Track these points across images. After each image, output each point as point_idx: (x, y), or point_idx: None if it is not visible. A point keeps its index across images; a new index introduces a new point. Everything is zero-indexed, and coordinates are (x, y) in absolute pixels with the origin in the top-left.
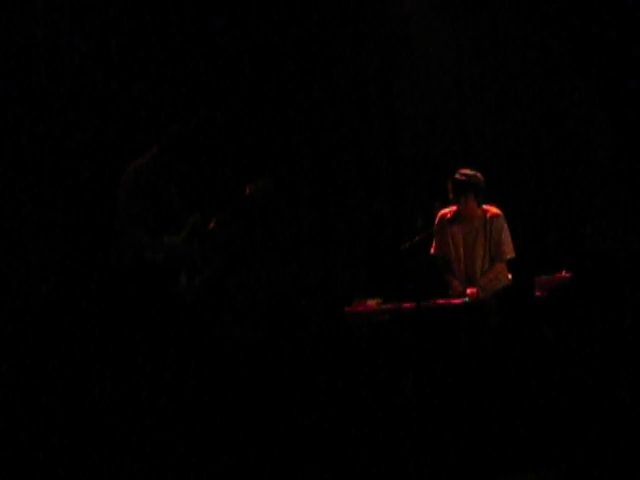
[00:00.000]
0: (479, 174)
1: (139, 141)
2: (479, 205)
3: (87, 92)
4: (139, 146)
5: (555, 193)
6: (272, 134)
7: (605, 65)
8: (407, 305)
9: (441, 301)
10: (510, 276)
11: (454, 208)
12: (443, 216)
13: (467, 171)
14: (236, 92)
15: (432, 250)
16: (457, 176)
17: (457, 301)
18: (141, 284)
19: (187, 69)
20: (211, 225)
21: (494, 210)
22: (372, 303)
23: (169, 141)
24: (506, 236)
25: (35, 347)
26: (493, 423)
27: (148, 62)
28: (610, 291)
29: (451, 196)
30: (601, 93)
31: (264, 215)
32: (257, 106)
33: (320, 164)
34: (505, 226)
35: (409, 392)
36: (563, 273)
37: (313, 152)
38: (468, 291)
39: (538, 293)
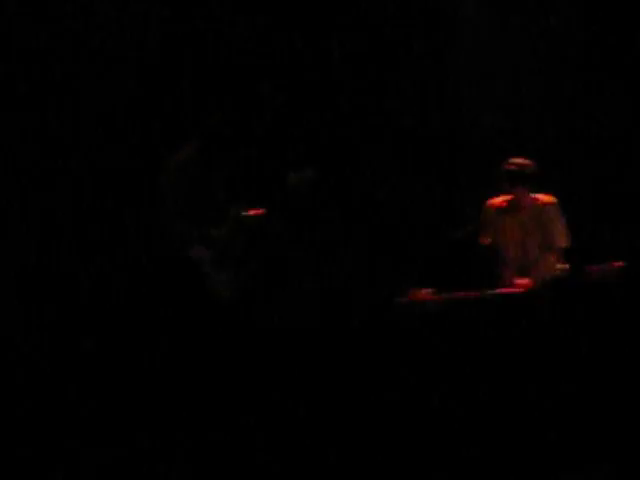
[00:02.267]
0: (532, 163)
1: (179, 133)
2: (532, 194)
3: (128, 83)
4: (180, 138)
5: (612, 181)
6: (320, 122)
7: None
8: (460, 295)
9: (494, 291)
10: (564, 266)
11: (507, 197)
12: (494, 205)
13: (519, 160)
14: (282, 78)
15: (483, 240)
16: (509, 165)
17: (509, 291)
18: (185, 280)
19: (229, 57)
20: (254, 212)
21: (547, 199)
22: (425, 293)
23: (211, 132)
24: (560, 225)
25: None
26: (546, 417)
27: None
28: None
29: (503, 185)
30: None
31: (313, 205)
32: (305, 93)
33: (372, 152)
34: (559, 215)
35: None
36: (617, 263)
37: (364, 140)
38: (520, 282)
39: (591, 283)
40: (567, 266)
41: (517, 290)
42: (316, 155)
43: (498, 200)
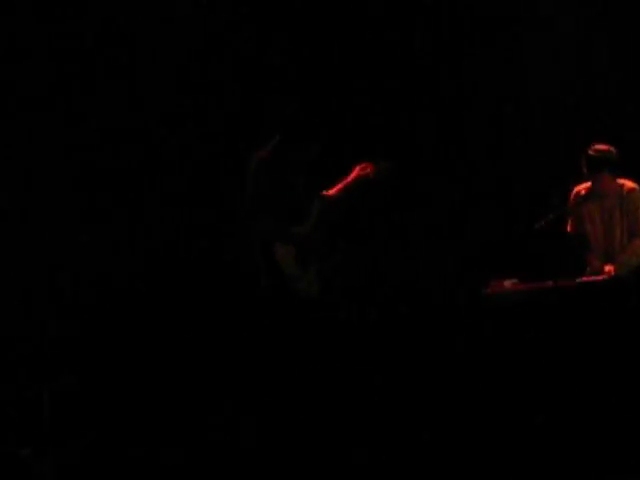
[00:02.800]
0: (613, 148)
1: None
2: (614, 180)
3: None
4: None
5: None
6: (398, 119)
7: None
8: (544, 285)
9: (579, 280)
10: None
11: (589, 184)
12: (578, 193)
13: (601, 146)
14: (359, 74)
15: (568, 228)
16: (591, 152)
17: (596, 279)
18: (270, 279)
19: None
20: (330, 194)
21: (630, 184)
22: (508, 284)
23: (289, 128)
24: None
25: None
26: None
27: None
28: None
29: (585, 172)
30: None
31: (394, 198)
32: (383, 90)
33: (451, 144)
34: None
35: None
36: None
37: (442, 133)
38: (606, 268)
39: None
40: None
41: (603, 277)
42: (396, 149)
43: (582, 187)
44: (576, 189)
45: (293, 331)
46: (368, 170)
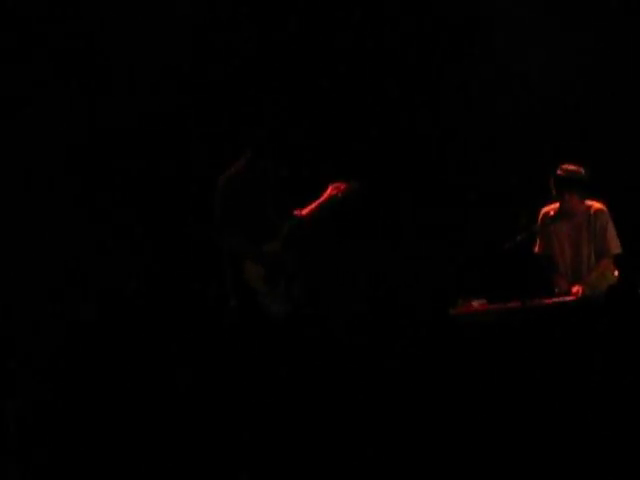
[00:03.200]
0: (581, 169)
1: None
2: (582, 200)
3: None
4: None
5: None
6: (372, 135)
7: None
8: (512, 305)
9: (547, 300)
10: (617, 273)
11: (557, 205)
12: (546, 214)
13: (569, 167)
14: (331, 90)
15: (536, 249)
16: (559, 172)
17: (563, 300)
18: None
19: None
20: (303, 213)
21: (598, 205)
22: (477, 304)
23: (260, 145)
24: (611, 232)
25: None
26: (595, 428)
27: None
28: None
29: (553, 193)
30: None
31: (363, 218)
32: (358, 106)
33: (422, 164)
34: (610, 221)
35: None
36: None
37: (415, 152)
38: (574, 289)
39: None
40: (617, 273)
41: (571, 298)
42: (370, 167)
43: (550, 208)
44: (544, 210)
45: (261, 350)
46: (341, 189)
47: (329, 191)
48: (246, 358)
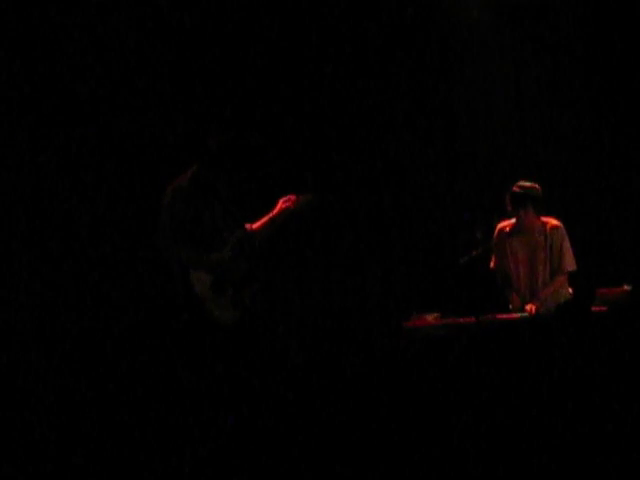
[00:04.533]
0: (537, 185)
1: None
2: (538, 217)
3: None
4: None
5: (617, 204)
6: (325, 145)
7: None
8: (466, 320)
9: (500, 316)
10: (571, 289)
11: (513, 221)
12: (502, 229)
13: (525, 183)
14: (281, 99)
15: (491, 264)
16: (515, 188)
17: (516, 316)
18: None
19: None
20: (251, 228)
21: (554, 222)
22: (430, 318)
23: (207, 156)
24: (567, 248)
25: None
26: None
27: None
28: None
29: (509, 209)
30: None
31: (317, 230)
32: (309, 116)
33: (376, 178)
34: (565, 238)
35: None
36: (624, 287)
37: (369, 165)
38: (527, 306)
39: (597, 307)
40: (571, 290)
41: (524, 314)
42: (320, 178)
43: (506, 224)
44: (500, 225)
45: (210, 359)
46: (292, 201)
47: (280, 204)
48: (196, 364)
